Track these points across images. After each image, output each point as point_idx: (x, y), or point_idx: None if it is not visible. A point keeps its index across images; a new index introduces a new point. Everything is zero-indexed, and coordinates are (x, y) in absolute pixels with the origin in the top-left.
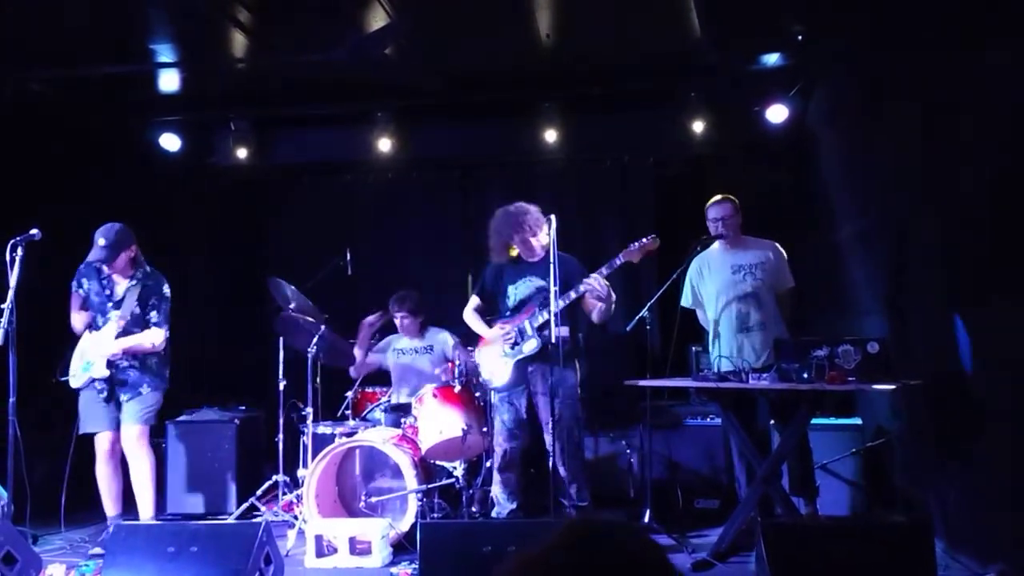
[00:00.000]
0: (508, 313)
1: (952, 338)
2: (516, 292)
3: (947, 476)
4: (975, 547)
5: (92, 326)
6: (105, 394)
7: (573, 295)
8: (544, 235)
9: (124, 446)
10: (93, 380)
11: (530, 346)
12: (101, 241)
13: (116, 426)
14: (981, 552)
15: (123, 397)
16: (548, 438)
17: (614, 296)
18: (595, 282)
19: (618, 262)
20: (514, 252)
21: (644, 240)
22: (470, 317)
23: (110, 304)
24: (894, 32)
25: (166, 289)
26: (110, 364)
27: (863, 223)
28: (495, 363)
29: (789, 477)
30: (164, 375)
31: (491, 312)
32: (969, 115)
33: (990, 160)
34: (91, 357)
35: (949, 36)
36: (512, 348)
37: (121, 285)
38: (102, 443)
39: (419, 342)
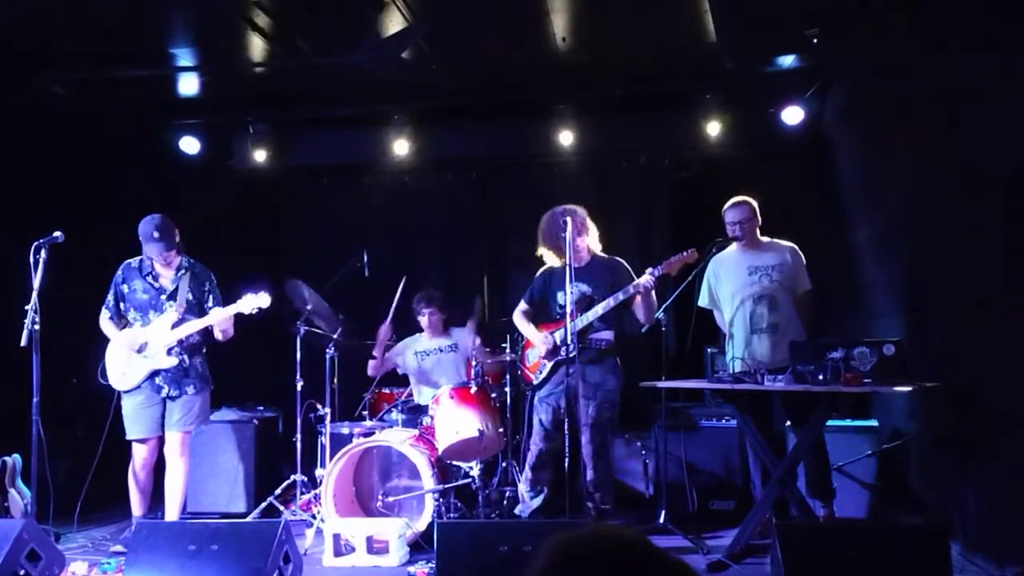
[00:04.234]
0: (557, 317)
1: (969, 340)
2: (566, 298)
3: (964, 478)
4: (991, 549)
5: (142, 324)
6: (158, 391)
7: (622, 296)
8: (592, 238)
9: (166, 451)
10: (152, 374)
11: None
12: (155, 233)
13: (160, 429)
14: (997, 554)
15: (171, 392)
16: (583, 439)
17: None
18: (645, 280)
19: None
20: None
21: (684, 253)
22: (519, 320)
23: (163, 297)
24: (915, 31)
25: (213, 276)
26: (170, 353)
27: (880, 225)
28: (537, 364)
29: (806, 479)
30: (208, 376)
31: (541, 316)
32: (992, 116)
33: (1011, 161)
34: (147, 351)
35: (973, 35)
36: (550, 354)
37: (167, 277)
38: (142, 449)
39: (443, 340)
